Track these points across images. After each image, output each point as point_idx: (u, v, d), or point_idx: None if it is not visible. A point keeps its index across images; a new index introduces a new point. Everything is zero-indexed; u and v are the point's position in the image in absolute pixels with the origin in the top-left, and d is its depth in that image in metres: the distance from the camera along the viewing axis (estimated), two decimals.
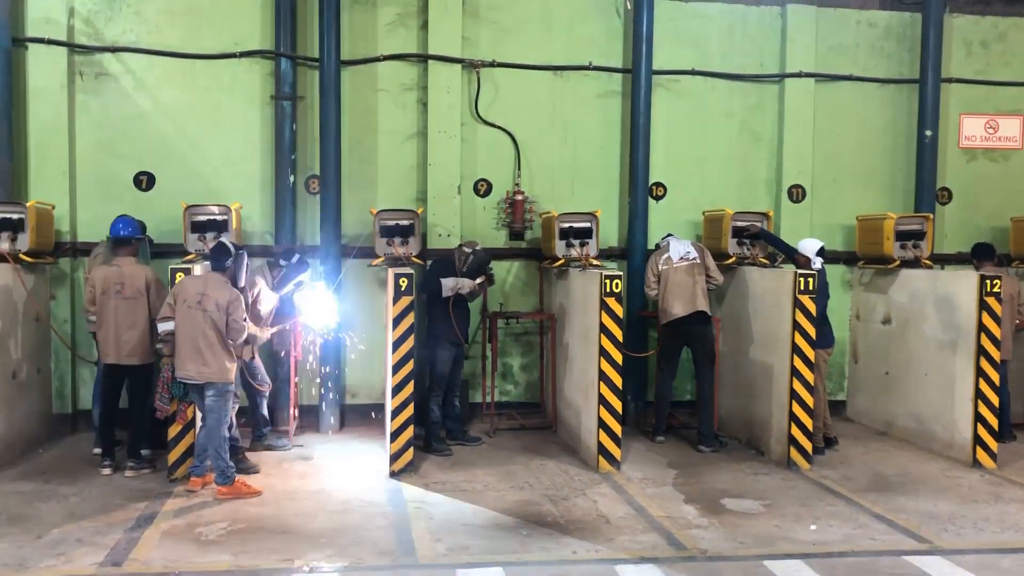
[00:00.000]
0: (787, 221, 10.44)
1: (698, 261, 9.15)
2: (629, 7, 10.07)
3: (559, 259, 9.35)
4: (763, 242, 9.63)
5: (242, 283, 7.37)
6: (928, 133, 10.40)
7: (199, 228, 8.84)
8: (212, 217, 8.85)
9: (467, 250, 8.89)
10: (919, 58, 10.50)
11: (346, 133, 9.68)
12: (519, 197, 10.03)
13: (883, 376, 9.89)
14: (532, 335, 10.28)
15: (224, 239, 7.73)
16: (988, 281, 8.35)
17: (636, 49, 9.98)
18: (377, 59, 9.86)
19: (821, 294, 8.90)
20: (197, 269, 7.73)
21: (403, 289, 7.69)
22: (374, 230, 9.20)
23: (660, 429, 9.36)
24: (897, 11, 10.62)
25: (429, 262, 9.32)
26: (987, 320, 8.34)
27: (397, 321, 7.75)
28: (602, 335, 8.03)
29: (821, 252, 9.07)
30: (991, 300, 8.34)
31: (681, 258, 9.14)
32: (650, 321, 9.93)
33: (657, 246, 9.65)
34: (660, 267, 9.18)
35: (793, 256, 9.14)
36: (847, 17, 10.57)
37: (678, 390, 10.12)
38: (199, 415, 7.46)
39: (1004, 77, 10.77)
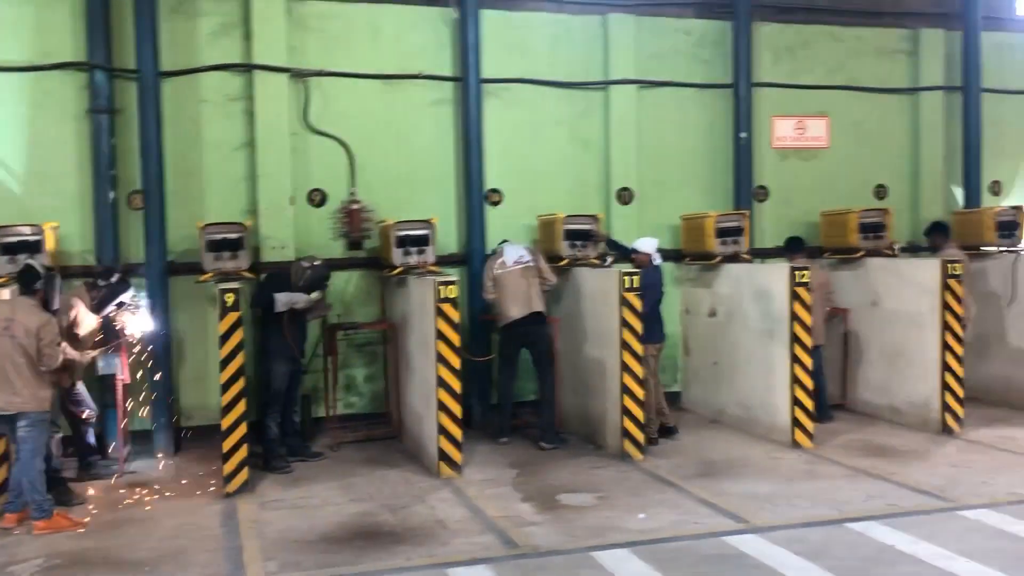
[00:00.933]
0: (617, 223, 10.81)
1: (532, 264, 9.39)
2: (456, 16, 10.19)
3: (397, 267, 9.37)
4: (611, 248, 9.97)
5: (55, 306, 7.02)
6: (743, 135, 11.01)
7: (9, 250, 8.36)
8: (23, 238, 8.39)
9: (305, 265, 8.78)
10: (732, 64, 11.09)
11: (169, 146, 9.38)
12: (355, 206, 9.98)
13: (712, 366, 10.39)
14: (376, 345, 10.24)
15: (32, 261, 7.35)
16: (797, 272, 8.92)
17: (464, 58, 10.12)
18: (199, 69, 9.59)
19: (654, 290, 9.32)
20: (5, 294, 7.31)
21: (229, 305, 7.52)
22: (200, 245, 8.94)
23: (504, 430, 9.51)
24: (711, 19, 11.19)
25: (263, 276, 9.14)
26: (798, 309, 8.90)
27: (225, 338, 7.57)
28: (439, 341, 8.10)
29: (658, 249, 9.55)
30: (801, 290, 8.90)
31: (515, 262, 9.35)
32: (493, 325, 10.07)
33: (493, 251, 9.82)
34: (496, 272, 9.36)
35: (632, 256, 9.53)
36: (665, 26, 11.06)
37: (522, 390, 10.31)
38: (15, 448, 7.04)
39: (809, 81, 11.52)
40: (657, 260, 9.47)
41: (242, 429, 7.60)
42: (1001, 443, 8.85)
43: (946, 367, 9.26)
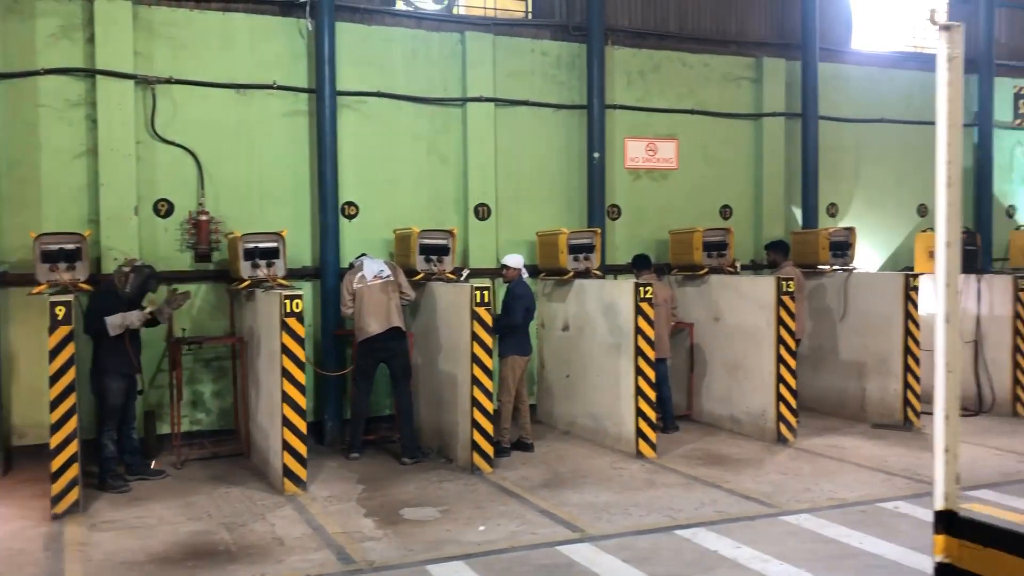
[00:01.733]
0: (475, 238, 10.95)
1: (392, 279, 9.40)
2: (311, 28, 10.12)
3: (246, 281, 9.19)
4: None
5: None
6: (596, 155, 11.34)
7: None
8: None
9: (126, 270, 8.43)
10: (587, 86, 11.42)
11: (2, 152, 8.94)
12: (203, 217, 9.74)
13: (565, 379, 10.63)
14: (224, 360, 10.00)
15: None
16: (641, 288, 9.25)
17: (319, 70, 10.06)
18: (37, 73, 9.19)
19: (524, 301, 9.52)
20: None
21: (60, 318, 7.22)
22: (35, 255, 8.54)
23: (355, 446, 9.45)
24: (566, 42, 11.50)
25: (91, 295, 8.69)
26: (642, 323, 9.22)
27: (55, 352, 7.26)
28: (284, 356, 8.00)
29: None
30: (644, 305, 9.23)
31: (375, 276, 9.33)
32: (348, 339, 10.01)
33: (351, 265, 9.78)
34: (355, 286, 9.32)
35: (502, 271, 9.82)
36: (522, 46, 11.30)
37: (378, 405, 10.30)
38: None
39: (660, 104, 11.98)
40: (525, 275, 9.75)
41: (72, 447, 7.29)
42: (829, 451, 9.39)
43: (781, 379, 9.77)
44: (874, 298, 10.75)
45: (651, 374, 9.27)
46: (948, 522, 2.74)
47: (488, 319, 8.72)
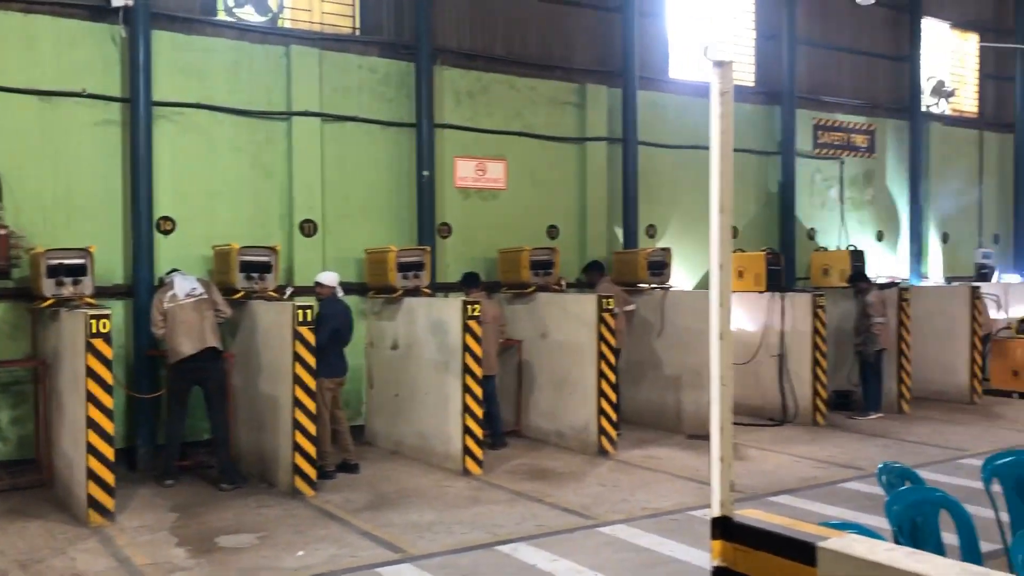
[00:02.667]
0: (300, 255, 10.73)
1: (205, 297, 9.05)
2: (124, 35, 9.66)
3: (49, 299, 8.62)
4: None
5: None
6: (426, 173, 11.38)
7: None
8: None
9: None
10: (415, 104, 11.46)
11: None
12: (2, 231, 9.05)
13: (394, 398, 10.55)
14: (24, 384, 9.33)
15: None
16: (469, 306, 9.33)
17: (134, 78, 9.62)
18: None
19: (333, 321, 9.32)
20: None
21: None
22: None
23: (169, 472, 9.01)
24: (395, 59, 11.50)
25: None
26: (470, 341, 9.30)
27: None
28: (89, 379, 7.56)
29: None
30: (472, 323, 9.32)
31: (187, 295, 8.96)
32: (162, 360, 9.55)
33: (161, 282, 9.37)
34: (166, 305, 8.91)
35: (316, 289, 9.66)
36: (350, 62, 11.21)
37: (196, 428, 9.86)
38: None
39: (488, 125, 12.16)
40: (340, 293, 9.58)
41: None
42: (646, 462, 9.76)
43: (602, 393, 10.09)
44: (689, 315, 11.29)
45: (479, 391, 9.36)
46: (723, 528, 2.90)
47: (312, 339, 8.55)
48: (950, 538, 4.05)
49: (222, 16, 10.62)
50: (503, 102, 12.31)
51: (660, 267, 11.99)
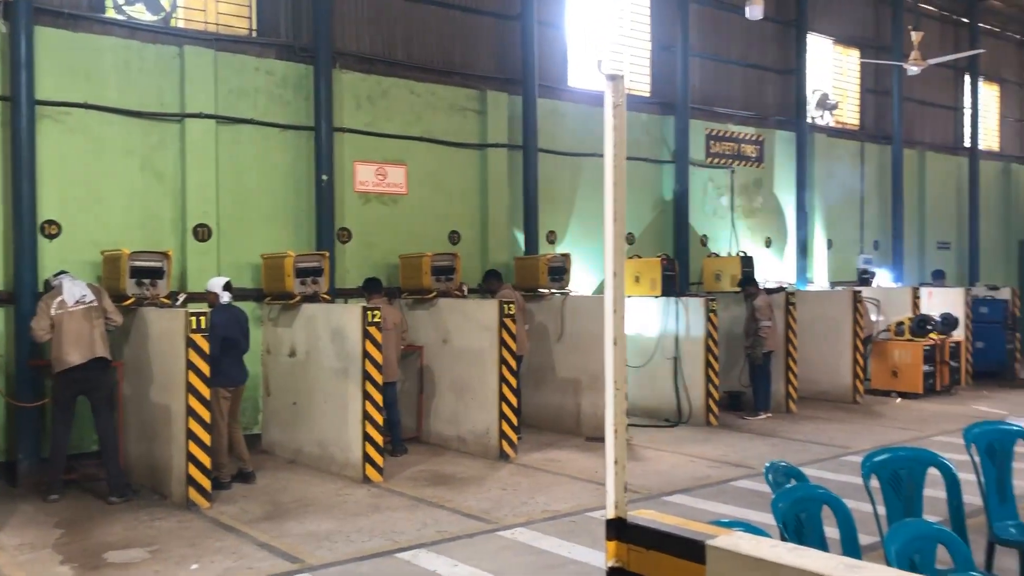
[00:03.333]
0: (194, 261, 10.45)
1: (96, 304, 8.73)
2: (4, 30, 9.24)
3: None
4: None
5: None
6: (324, 177, 11.26)
7: None
8: None
9: None
10: (314, 108, 11.32)
11: None
12: None
13: (292, 406, 10.39)
14: None
15: None
16: (369, 312, 9.27)
17: (15, 77, 9.21)
18: None
19: (223, 330, 9.07)
20: None
21: None
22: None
23: (54, 486, 8.64)
24: (293, 62, 11.34)
25: None
26: (370, 347, 9.24)
27: None
28: None
29: (228, 287, 9.37)
30: (372, 329, 9.26)
31: (77, 302, 8.63)
32: (46, 369, 9.15)
33: (48, 285, 9.00)
34: (54, 312, 8.55)
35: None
36: (246, 63, 10.99)
37: (84, 440, 9.50)
38: None
39: (389, 130, 12.11)
40: (225, 298, 9.30)
41: None
42: (546, 465, 9.89)
43: (503, 398, 10.16)
44: (588, 320, 11.49)
45: (379, 398, 9.30)
46: (618, 529, 2.99)
47: (205, 346, 8.35)
48: (832, 532, 4.26)
49: (111, 14, 10.27)
50: (403, 107, 12.28)
51: (560, 272, 12.16)
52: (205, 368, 8.33)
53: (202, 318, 8.34)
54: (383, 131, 12.07)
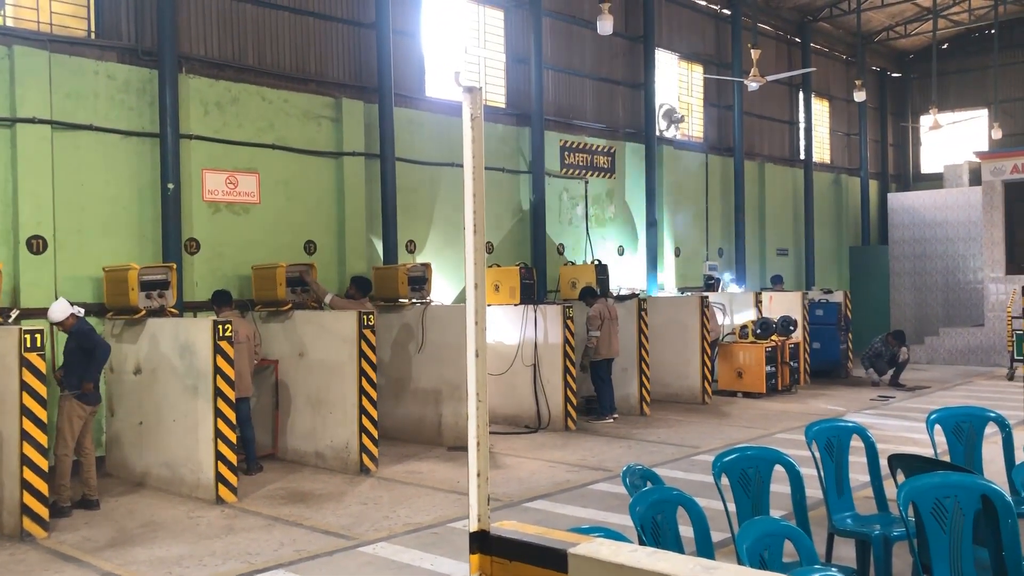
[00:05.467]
0: (28, 274, 9.80)
1: None
2: None
3: None
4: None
5: None
6: (171, 186, 10.79)
7: None
8: None
9: None
10: (159, 114, 10.83)
11: None
12: None
13: (137, 426, 9.88)
14: None
15: None
16: (220, 326, 8.94)
17: None
18: None
19: (96, 335, 8.68)
20: None
21: None
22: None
23: None
24: (136, 66, 10.83)
25: None
26: (221, 362, 8.91)
27: None
28: None
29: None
30: (224, 344, 8.94)
31: None
32: None
33: None
34: None
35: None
36: (84, 66, 10.41)
37: None
38: None
39: (239, 137, 11.73)
40: (80, 312, 8.87)
41: None
42: (408, 477, 9.80)
43: (363, 411, 10.00)
44: (448, 329, 11.49)
45: (232, 415, 8.99)
46: (481, 541, 2.99)
47: (41, 366, 7.83)
48: (687, 531, 4.41)
49: None
50: (254, 114, 11.93)
51: (420, 282, 12.10)
52: (41, 389, 7.81)
53: (38, 335, 7.82)
54: (233, 138, 11.68)
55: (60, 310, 8.72)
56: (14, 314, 9.11)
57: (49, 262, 10.01)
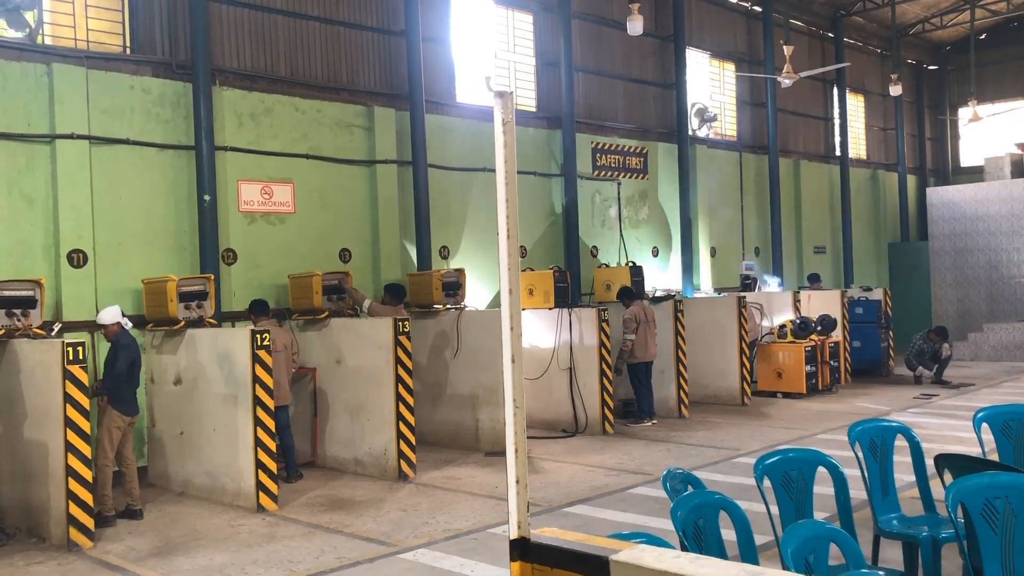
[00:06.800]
0: (69, 287, 9.96)
1: None
2: None
3: None
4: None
5: None
6: (207, 197, 10.90)
7: None
8: None
9: None
10: (194, 126, 10.96)
11: None
12: None
13: (179, 436, 9.98)
14: None
15: None
16: (258, 335, 9.01)
17: None
18: None
19: (126, 354, 8.77)
20: None
21: None
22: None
23: None
24: (170, 80, 10.96)
25: None
26: (260, 371, 8.98)
27: None
28: None
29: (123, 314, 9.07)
30: (262, 353, 9.00)
31: None
32: None
33: None
34: None
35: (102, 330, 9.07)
36: (120, 81, 10.57)
37: None
38: None
39: (273, 148, 11.83)
40: (128, 325, 9.04)
41: None
42: (446, 483, 9.81)
43: (400, 417, 10.03)
44: (483, 334, 11.47)
45: (271, 424, 9.05)
46: (521, 549, 2.96)
47: (84, 378, 7.95)
48: (729, 534, 4.35)
49: None
50: (288, 124, 12.03)
51: (454, 288, 12.11)
52: (85, 402, 7.92)
53: (80, 348, 7.93)
54: (267, 149, 11.79)
55: (108, 314, 8.92)
56: (57, 327, 9.25)
57: (90, 275, 10.16)
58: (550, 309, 12.91)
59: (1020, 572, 4.40)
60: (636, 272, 14.30)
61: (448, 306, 12.13)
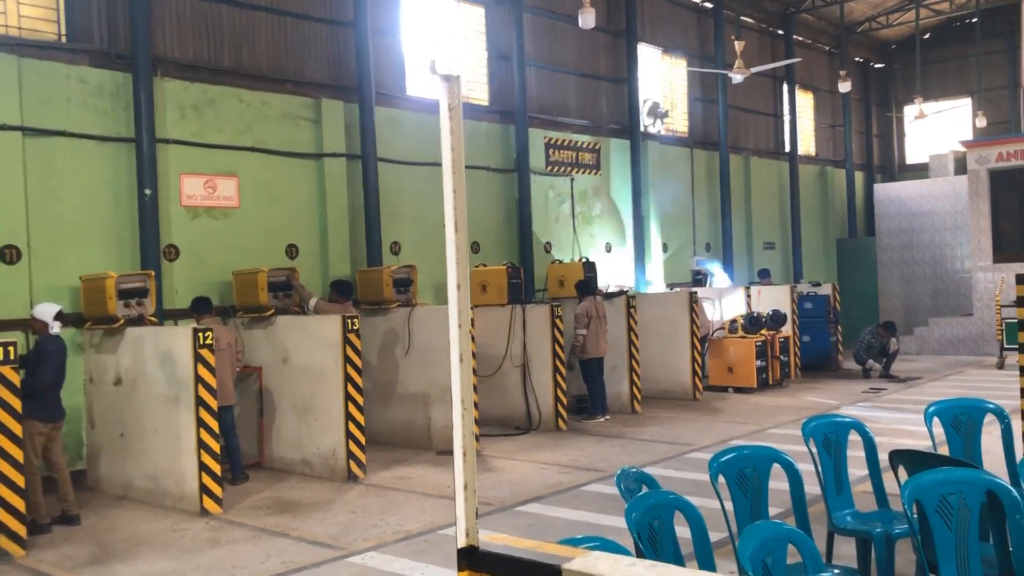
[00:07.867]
0: (1, 284, 9.56)
1: None
2: None
3: None
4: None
5: None
6: (148, 191, 10.56)
7: None
8: None
9: None
10: (134, 118, 10.60)
11: None
12: None
13: (119, 439, 9.64)
14: None
15: None
16: (200, 334, 8.72)
17: None
18: None
19: (57, 357, 8.41)
20: None
21: None
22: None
23: None
24: (109, 70, 10.59)
25: None
26: (202, 371, 8.69)
27: None
28: None
29: (59, 317, 8.62)
30: (204, 352, 8.72)
31: None
32: None
33: None
34: None
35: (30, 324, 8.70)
36: (56, 71, 10.17)
37: None
38: None
39: (217, 140, 11.50)
40: (55, 329, 8.53)
41: None
42: (396, 483, 9.61)
43: (349, 417, 9.80)
44: (435, 331, 11.28)
45: (215, 424, 8.77)
46: (470, 558, 2.82)
47: (15, 379, 7.60)
48: (684, 531, 4.25)
49: None
50: (233, 116, 11.71)
51: (405, 284, 11.90)
52: (15, 403, 7.58)
53: (11, 348, 7.59)
54: (211, 142, 11.46)
55: (41, 310, 8.58)
56: None
57: (24, 272, 9.77)
58: (503, 306, 12.77)
59: (974, 568, 4.37)
60: (589, 268, 14.20)
61: (399, 303, 11.91)
